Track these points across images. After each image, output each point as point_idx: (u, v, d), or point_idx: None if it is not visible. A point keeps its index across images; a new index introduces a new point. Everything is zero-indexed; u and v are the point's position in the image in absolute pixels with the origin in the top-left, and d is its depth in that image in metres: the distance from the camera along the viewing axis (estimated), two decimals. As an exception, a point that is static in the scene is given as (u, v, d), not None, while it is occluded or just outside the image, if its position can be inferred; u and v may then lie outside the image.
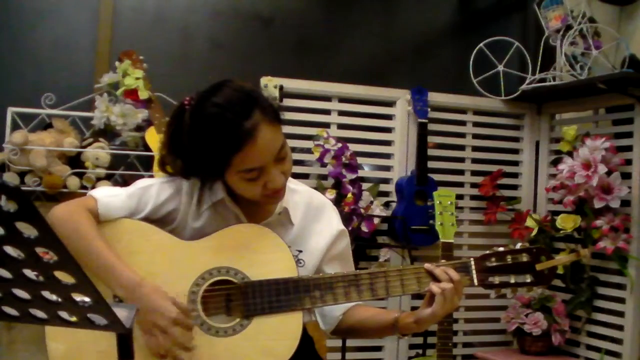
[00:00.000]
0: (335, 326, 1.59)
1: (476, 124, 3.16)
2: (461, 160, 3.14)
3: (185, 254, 1.43)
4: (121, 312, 1.00)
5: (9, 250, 0.83)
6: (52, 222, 1.39)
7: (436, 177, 2.95)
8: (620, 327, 2.68)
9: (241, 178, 1.38)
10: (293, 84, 2.84)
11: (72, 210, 1.42)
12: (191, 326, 1.34)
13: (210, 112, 1.35)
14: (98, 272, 1.34)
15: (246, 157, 1.34)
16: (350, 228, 2.70)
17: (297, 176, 2.56)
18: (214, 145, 1.35)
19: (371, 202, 2.85)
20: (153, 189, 1.48)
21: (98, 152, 2.57)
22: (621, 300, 2.69)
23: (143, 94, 2.62)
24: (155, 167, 2.52)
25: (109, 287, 1.35)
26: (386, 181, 3.00)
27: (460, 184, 3.12)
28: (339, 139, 2.84)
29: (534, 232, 2.92)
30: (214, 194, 1.49)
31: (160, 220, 1.48)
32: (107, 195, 1.46)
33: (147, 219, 1.46)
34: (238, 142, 1.32)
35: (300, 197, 1.57)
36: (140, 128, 2.66)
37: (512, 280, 1.47)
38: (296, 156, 2.87)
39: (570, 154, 2.80)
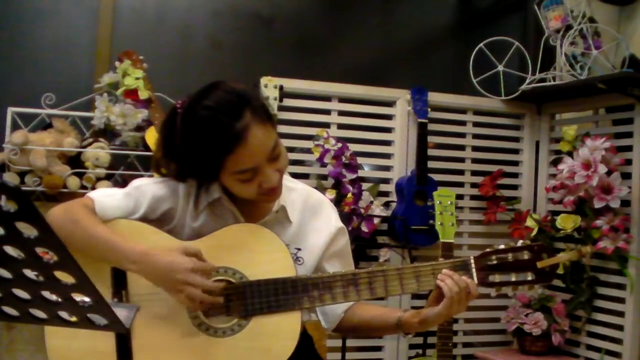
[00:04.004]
0: (336, 324, 1.59)
1: (476, 124, 3.15)
2: (461, 160, 3.14)
3: (184, 253, 1.43)
4: (121, 312, 1.00)
5: (9, 250, 0.83)
6: (50, 221, 1.39)
7: (436, 177, 2.95)
8: (620, 327, 2.68)
9: (235, 179, 1.39)
10: (293, 84, 2.84)
11: (68, 206, 1.43)
12: (210, 268, 1.36)
13: (201, 114, 1.35)
14: (105, 254, 1.36)
15: (238, 159, 1.34)
16: (350, 228, 2.70)
17: (297, 176, 2.56)
18: (205, 148, 1.35)
19: (371, 202, 2.85)
20: (149, 188, 1.49)
21: (98, 152, 2.57)
22: (621, 300, 2.69)
23: (143, 94, 2.62)
24: (155, 167, 2.53)
25: (119, 265, 1.36)
26: (386, 181, 3.00)
27: (460, 184, 3.12)
28: (339, 139, 2.83)
29: (534, 232, 2.92)
30: (210, 193, 1.49)
31: (158, 220, 1.48)
32: (103, 195, 1.47)
33: (145, 219, 1.46)
34: (229, 143, 1.32)
35: (298, 194, 1.57)
36: (140, 128, 2.66)
37: (513, 279, 1.46)
38: (296, 156, 2.87)
39: (570, 154, 2.80)
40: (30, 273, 0.87)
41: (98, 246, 1.36)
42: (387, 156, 3.02)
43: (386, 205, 2.96)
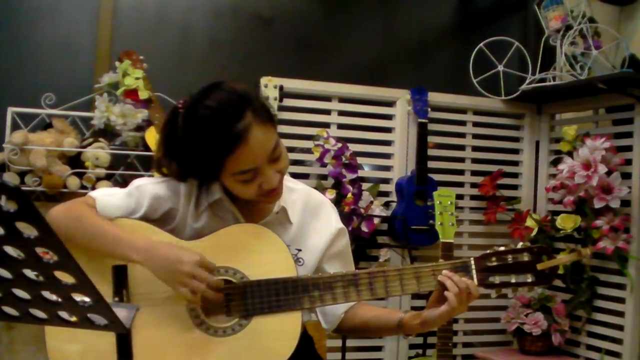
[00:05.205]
0: (337, 325, 1.59)
1: (476, 124, 3.16)
2: (461, 160, 3.14)
3: (185, 253, 1.43)
4: (121, 312, 1.00)
5: (9, 250, 0.83)
6: (52, 220, 1.39)
7: (436, 177, 2.95)
8: (620, 327, 2.68)
9: (236, 180, 1.38)
10: (293, 84, 2.84)
11: (70, 205, 1.44)
12: (214, 267, 1.36)
13: (202, 114, 1.35)
14: (111, 247, 1.36)
15: (239, 159, 1.34)
16: (350, 228, 2.70)
17: (297, 176, 2.56)
18: (206, 148, 1.35)
19: (371, 202, 2.85)
20: (150, 188, 1.49)
21: (98, 152, 2.57)
22: (621, 300, 2.69)
23: (143, 94, 2.63)
24: (155, 167, 2.53)
25: (125, 258, 1.37)
26: (386, 181, 3.00)
27: (460, 184, 3.12)
28: (339, 139, 2.83)
29: (534, 232, 2.92)
30: (210, 194, 1.49)
31: (159, 219, 1.48)
32: (104, 195, 1.47)
33: (146, 219, 1.47)
34: (230, 144, 1.32)
35: (298, 195, 1.57)
36: (140, 128, 2.66)
37: (513, 280, 1.46)
38: (296, 156, 2.87)
39: (570, 154, 2.80)
40: (30, 273, 0.87)
41: (105, 239, 1.36)
42: (387, 156, 3.02)
43: (386, 205, 2.96)
